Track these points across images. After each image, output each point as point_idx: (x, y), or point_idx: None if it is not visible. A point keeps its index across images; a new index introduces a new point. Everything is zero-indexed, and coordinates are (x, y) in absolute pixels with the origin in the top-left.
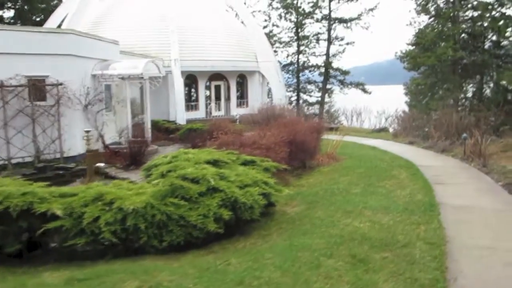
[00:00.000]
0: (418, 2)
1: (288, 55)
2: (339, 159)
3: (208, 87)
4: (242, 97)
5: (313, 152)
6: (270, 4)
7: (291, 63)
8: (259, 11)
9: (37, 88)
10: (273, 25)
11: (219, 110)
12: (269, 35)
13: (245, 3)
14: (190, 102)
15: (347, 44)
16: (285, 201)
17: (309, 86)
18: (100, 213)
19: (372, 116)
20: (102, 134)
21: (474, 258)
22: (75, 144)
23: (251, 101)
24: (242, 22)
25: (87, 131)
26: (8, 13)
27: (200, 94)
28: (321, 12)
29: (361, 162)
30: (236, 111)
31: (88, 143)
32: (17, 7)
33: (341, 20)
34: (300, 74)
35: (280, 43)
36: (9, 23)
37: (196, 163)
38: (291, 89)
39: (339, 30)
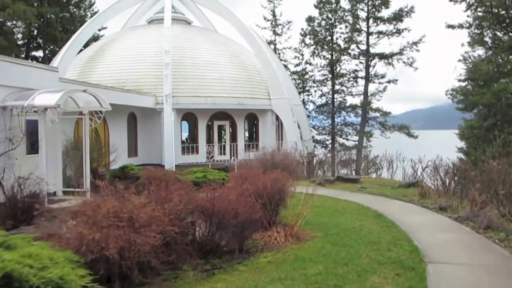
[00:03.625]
0: (471, 33)
1: (322, 95)
2: (304, 238)
3: (210, 127)
4: (252, 139)
5: (254, 226)
6: (303, 41)
7: (326, 103)
8: (290, 47)
9: None
10: (306, 62)
11: (223, 154)
12: (302, 74)
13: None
14: (188, 144)
15: (389, 82)
16: None
17: (345, 129)
18: None
19: (408, 165)
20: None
21: None
22: None
23: (263, 144)
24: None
25: None
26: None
27: (200, 135)
28: (358, 47)
29: (336, 248)
30: (244, 156)
31: None
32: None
33: (381, 56)
34: (336, 115)
35: (314, 81)
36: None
37: None
38: (325, 131)
39: (379, 67)
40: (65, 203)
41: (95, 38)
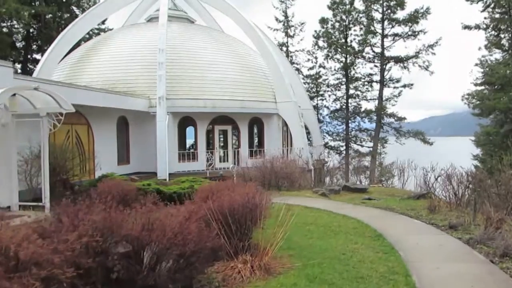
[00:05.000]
0: (489, 35)
1: (336, 99)
2: (276, 270)
3: (210, 133)
4: (257, 145)
5: (208, 256)
6: (316, 43)
7: (340, 108)
8: (303, 50)
9: None
10: (319, 66)
11: (225, 160)
12: (315, 77)
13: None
14: (186, 151)
15: (404, 86)
16: None
17: (360, 135)
18: None
19: (420, 174)
20: None
21: None
22: None
23: (268, 150)
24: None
25: None
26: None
27: (200, 141)
28: (372, 50)
29: (312, 287)
30: (249, 163)
31: None
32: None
33: (396, 59)
34: (350, 121)
35: (328, 86)
36: None
37: None
38: (339, 137)
39: (394, 70)
40: (17, 220)
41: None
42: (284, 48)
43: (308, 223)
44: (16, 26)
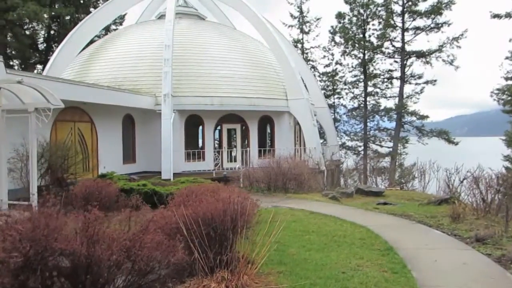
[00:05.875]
0: None
1: (353, 97)
2: None
3: (218, 131)
4: (267, 145)
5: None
6: (332, 39)
7: (358, 107)
8: (318, 46)
9: None
10: (336, 63)
11: (232, 161)
12: (332, 75)
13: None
14: (192, 150)
15: (426, 83)
16: None
17: (379, 134)
18: None
19: (443, 176)
20: None
21: None
22: None
23: (279, 150)
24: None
25: None
26: None
27: (207, 140)
28: (392, 45)
29: None
30: (256, 163)
31: None
32: None
33: (418, 54)
34: (368, 119)
35: (345, 83)
36: None
37: None
38: (357, 137)
39: (415, 66)
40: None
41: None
42: (299, 45)
43: (309, 231)
44: (36, 28)
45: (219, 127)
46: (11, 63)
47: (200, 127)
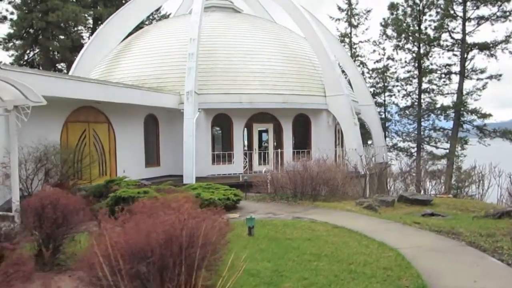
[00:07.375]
0: None
1: (406, 95)
2: None
3: (248, 132)
4: (302, 146)
5: None
6: (384, 32)
7: (411, 105)
8: (368, 40)
9: None
10: (387, 58)
11: (264, 163)
12: (383, 71)
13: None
14: (220, 152)
15: (490, 78)
16: None
17: (434, 134)
18: None
19: (506, 183)
20: None
21: None
22: None
23: (316, 151)
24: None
25: None
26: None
27: (236, 141)
28: (451, 37)
29: None
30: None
31: None
32: None
33: (481, 46)
34: (423, 119)
35: (397, 80)
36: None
37: None
38: (410, 138)
39: (477, 60)
40: None
41: None
42: (347, 39)
43: (321, 254)
44: (79, 30)
45: (249, 127)
46: (58, 66)
47: (229, 127)
